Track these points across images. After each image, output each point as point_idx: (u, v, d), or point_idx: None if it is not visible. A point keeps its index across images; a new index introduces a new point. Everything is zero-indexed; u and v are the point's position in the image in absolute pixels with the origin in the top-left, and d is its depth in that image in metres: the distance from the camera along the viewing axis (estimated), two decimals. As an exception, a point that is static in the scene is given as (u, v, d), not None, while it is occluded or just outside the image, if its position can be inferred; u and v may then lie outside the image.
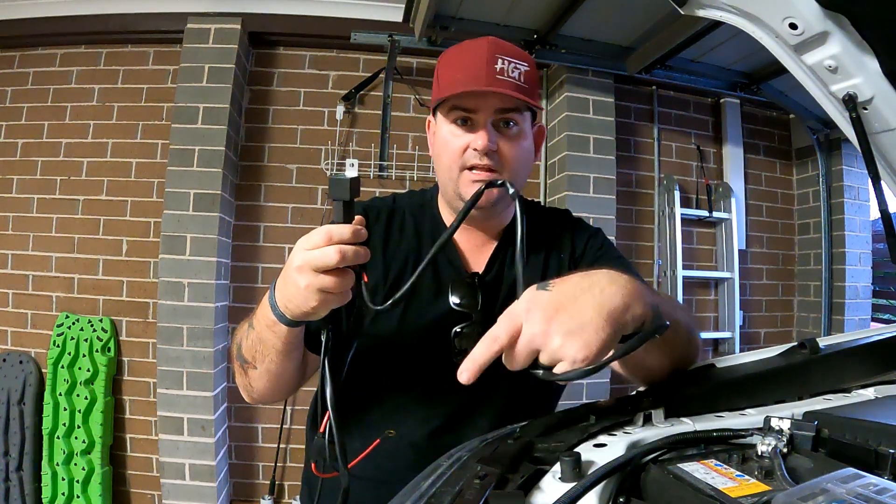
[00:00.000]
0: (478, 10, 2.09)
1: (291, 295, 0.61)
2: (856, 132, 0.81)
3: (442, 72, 0.84)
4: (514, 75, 0.80)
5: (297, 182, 2.47)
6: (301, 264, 0.58)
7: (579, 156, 2.43)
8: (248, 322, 0.75)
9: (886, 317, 3.06)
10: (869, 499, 0.35)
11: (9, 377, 2.26)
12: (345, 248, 0.57)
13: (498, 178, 0.73)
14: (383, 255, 0.86)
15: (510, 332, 0.51)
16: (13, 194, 2.41)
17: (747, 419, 0.60)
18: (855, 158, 2.80)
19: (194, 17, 2.31)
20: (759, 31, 0.84)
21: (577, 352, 0.48)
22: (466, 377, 0.50)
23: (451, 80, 0.82)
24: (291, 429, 2.38)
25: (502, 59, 0.79)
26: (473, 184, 0.80)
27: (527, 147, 0.85)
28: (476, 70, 0.79)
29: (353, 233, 0.58)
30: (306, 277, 0.58)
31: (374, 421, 0.85)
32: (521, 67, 0.81)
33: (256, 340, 0.72)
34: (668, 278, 2.62)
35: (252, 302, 2.36)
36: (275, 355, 0.71)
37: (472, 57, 0.80)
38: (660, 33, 2.17)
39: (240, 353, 0.77)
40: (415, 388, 0.85)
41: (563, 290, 0.52)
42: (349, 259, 0.57)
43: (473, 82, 0.78)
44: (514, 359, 0.51)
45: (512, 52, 0.81)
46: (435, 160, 0.88)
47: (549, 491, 0.44)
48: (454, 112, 0.82)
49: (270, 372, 0.74)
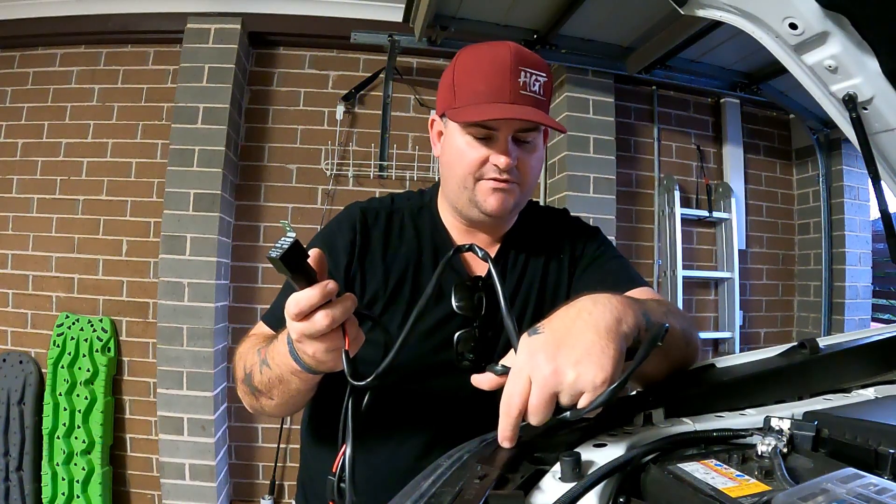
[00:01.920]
0: (478, 10, 2.09)
1: (308, 358, 0.60)
2: (856, 132, 0.81)
3: (461, 77, 0.81)
4: (535, 89, 0.78)
5: (297, 182, 2.47)
6: (298, 337, 0.57)
7: (579, 156, 2.43)
8: (258, 356, 0.72)
9: (886, 317, 3.06)
10: (869, 499, 0.35)
11: (9, 377, 2.26)
12: (332, 312, 0.55)
13: (476, 245, 0.69)
14: (383, 259, 0.85)
15: (522, 389, 0.50)
16: (13, 194, 2.41)
17: (747, 419, 0.60)
18: (855, 158, 2.80)
19: (194, 17, 2.31)
20: (759, 31, 0.84)
21: (594, 377, 0.48)
22: (509, 444, 0.52)
23: (472, 92, 0.79)
24: (291, 429, 2.38)
25: (525, 71, 0.77)
26: (494, 192, 0.80)
27: (540, 157, 0.86)
28: (500, 84, 0.76)
29: (322, 295, 0.54)
30: (310, 346, 0.58)
31: (372, 428, 0.83)
32: (542, 79, 0.79)
33: (275, 380, 0.70)
34: (668, 278, 2.62)
35: (252, 302, 2.37)
36: (297, 392, 0.70)
37: (495, 67, 0.77)
38: (660, 33, 2.17)
39: (250, 382, 0.75)
40: (416, 394, 0.84)
41: (555, 326, 0.52)
42: (339, 319, 0.56)
43: (497, 97, 0.76)
44: (538, 412, 0.50)
45: (534, 62, 0.79)
46: (445, 167, 0.86)
47: (549, 491, 0.44)
48: (475, 128, 0.79)
49: (288, 403, 0.74)
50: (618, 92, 2.54)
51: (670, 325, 0.65)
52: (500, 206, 0.82)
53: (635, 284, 0.85)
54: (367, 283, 0.84)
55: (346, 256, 0.84)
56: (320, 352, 0.58)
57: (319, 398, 0.79)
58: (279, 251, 0.52)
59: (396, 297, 0.84)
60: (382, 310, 0.83)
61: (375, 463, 0.83)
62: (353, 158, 2.47)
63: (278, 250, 0.52)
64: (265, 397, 0.73)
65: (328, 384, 0.70)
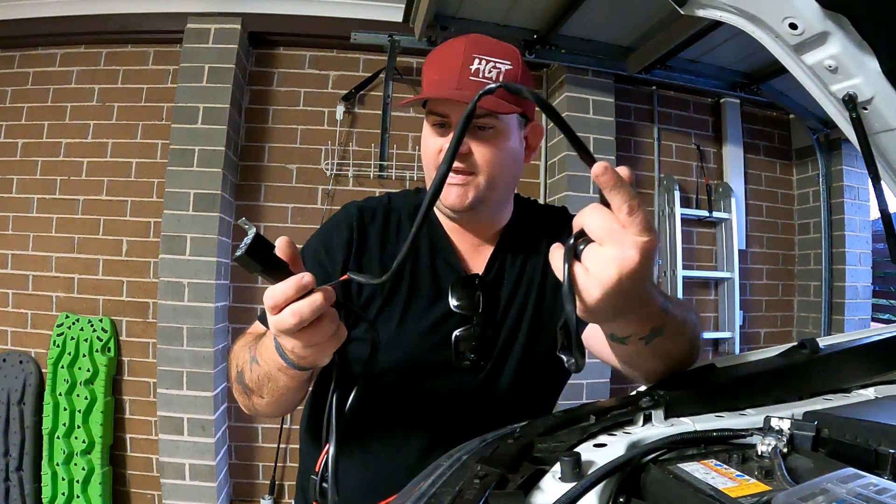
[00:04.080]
0: (478, 10, 2.09)
1: (288, 353, 0.59)
2: (856, 132, 0.81)
3: (424, 71, 0.85)
4: (490, 76, 0.78)
5: (297, 182, 2.47)
6: (275, 332, 0.56)
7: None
8: (249, 354, 0.72)
9: (886, 317, 3.07)
10: (869, 499, 0.35)
11: (9, 377, 2.26)
12: (299, 308, 0.52)
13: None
14: (380, 258, 0.84)
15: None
16: (13, 194, 2.41)
17: (747, 419, 0.60)
18: (855, 158, 2.80)
19: (194, 17, 2.31)
20: (759, 31, 0.84)
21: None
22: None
23: (428, 82, 0.82)
24: (291, 429, 2.38)
25: (480, 58, 0.78)
26: (449, 186, 0.80)
27: (507, 147, 0.82)
28: (449, 73, 0.78)
29: (296, 288, 0.52)
30: (287, 341, 0.56)
31: (371, 429, 0.83)
32: (502, 66, 0.79)
33: (264, 377, 0.69)
34: (668, 278, 2.63)
35: (252, 302, 2.37)
36: (286, 390, 0.70)
37: (448, 58, 0.79)
38: (660, 33, 2.17)
39: (242, 380, 0.74)
40: (415, 394, 0.84)
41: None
42: (308, 317, 0.53)
43: (445, 86, 0.78)
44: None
45: (493, 50, 0.80)
46: (423, 162, 0.89)
47: (549, 491, 0.44)
48: (431, 116, 0.82)
49: (280, 401, 0.73)
50: (618, 92, 2.54)
51: (684, 322, 0.64)
52: (457, 199, 0.81)
53: None
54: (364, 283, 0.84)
55: (344, 255, 0.83)
56: (298, 347, 0.56)
57: (318, 398, 0.79)
58: (243, 248, 0.50)
59: (394, 295, 0.83)
60: (379, 308, 0.83)
61: (375, 465, 0.83)
62: (353, 158, 2.47)
63: (242, 248, 0.50)
64: (256, 395, 0.73)
65: (326, 384, 0.70)
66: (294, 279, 0.53)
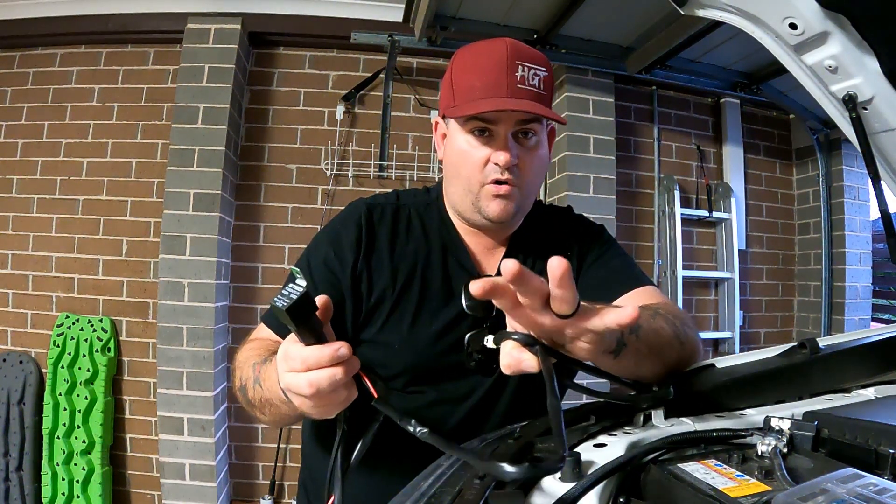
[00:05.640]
0: (478, 10, 2.09)
1: (294, 403, 0.57)
2: (856, 132, 0.81)
3: (458, 75, 0.80)
4: (534, 83, 0.77)
5: (297, 182, 2.47)
6: (283, 385, 0.55)
7: (579, 156, 2.43)
8: (253, 373, 0.70)
9: (886, 317, 3.06)
10: (869, 499, 0.35)
11: (9, 377, 2.26)
12: (317, 381, 0.50)
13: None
14: (390, 257, 0.83)
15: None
16: (13, 194, 2.41)
17: (747, 419, 0.61)
18: (855, 158, 2.80)
19: (194, 17, 2.31)
20: (759, 31, 0.84)
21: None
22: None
23: (468, 87, 0.78)
24: (292, 429, 2.37)
25: (523, 65, 0.76)
26: (495, 199, 0.79)
27: (543, 155, 0.83)
28: (495, 78, 0.75)
29: (331, 359, 0.50)
30: (296, 399, 0.55)
31: (379, 432, 0.83)
32: (541, 73, 0.78)
33: (266, 402, 0.67)
34: (668, 278, 2.62)
35: (252, 302, 2.37)
36: (286, 417, 0.68)
37: (491, 62, 0.76)
38: (660, 33, 2.16)
39: (245, 394, 0.73)
40: (426, 395, 0.83)
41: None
42: (325, 391, 0.50)
43: (493, 92, 0.75)
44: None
45: (532, 56, 0.78)
46: (450, 169, 0.84)
47: (549, 491, 0.44)
48: (472, 122, 0.78)
49: (282, 421, 0.72)
50: (618, 92, 2.54)
51: (659, 328, 0.64)
52: (503, 212, 0.80)
53: (639, 283, 0.84)
54: (375, 282, 0.82)
55: (353, 255, 0.82)
56: (306, 405, 0.54)
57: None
58: (286, 301, 0.46)
59: (405, 296, 0.82)
60: (391, 309, 0.82)
61: (383, 468, 0.82)
62: (353, 158, 2.47)
63: (284, 300, 0.46)
64: (258, 411, 0.72)
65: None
66: (331, 349, 0.50)
